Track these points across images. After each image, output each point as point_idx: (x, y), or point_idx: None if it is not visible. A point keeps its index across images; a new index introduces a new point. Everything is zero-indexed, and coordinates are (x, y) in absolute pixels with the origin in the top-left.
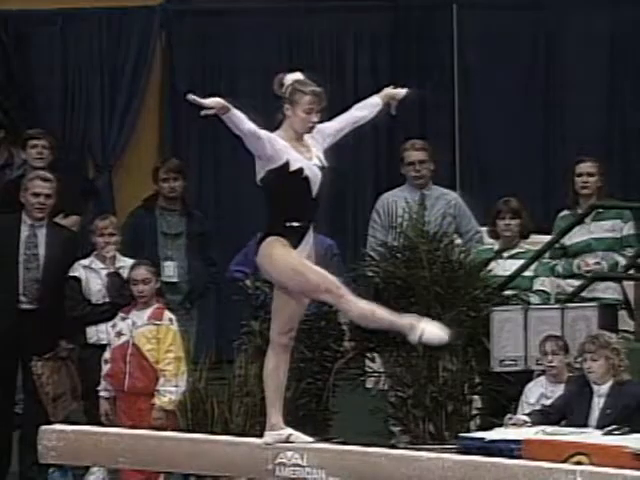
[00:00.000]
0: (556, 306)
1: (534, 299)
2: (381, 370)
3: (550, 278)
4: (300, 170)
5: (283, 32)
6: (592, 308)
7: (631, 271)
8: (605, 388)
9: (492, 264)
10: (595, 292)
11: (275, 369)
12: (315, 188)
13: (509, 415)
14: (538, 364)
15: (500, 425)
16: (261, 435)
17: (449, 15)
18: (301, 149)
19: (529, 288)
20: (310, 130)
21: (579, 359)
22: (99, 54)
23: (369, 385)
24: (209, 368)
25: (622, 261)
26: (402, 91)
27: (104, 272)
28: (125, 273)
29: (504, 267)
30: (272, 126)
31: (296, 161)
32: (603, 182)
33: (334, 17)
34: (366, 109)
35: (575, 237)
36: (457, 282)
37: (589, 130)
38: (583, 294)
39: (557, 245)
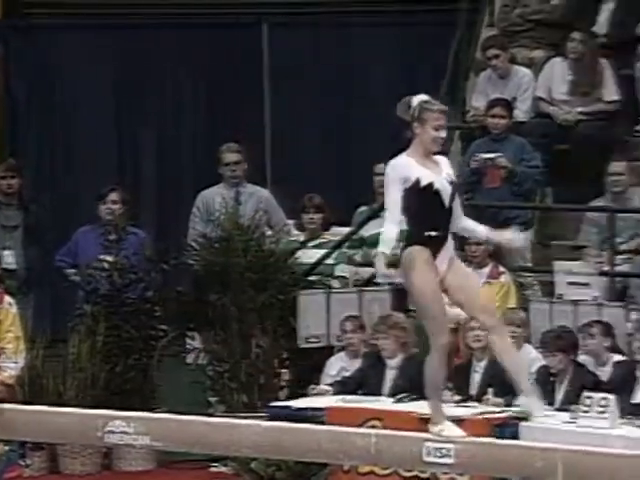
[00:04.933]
0: (354, 290)
1: (335, 284)
2: (200, 347)
3: (349, 266)
4: (430, 185)
5: (113, 46)
6: (385, 291)
7: None
8: (396, 361)
9: (298, 253)
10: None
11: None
12: (447, 199)
13: (312, 385)
14: (339, 341)
15: (305, 395)
16: (92, 406)
17: (259, 32)
18: (430, 165)
19: (331, 274)
20: (439, 146)
21: (373, 337)
22: None
23: (189, 360)
24: (45, 347)
25: None
26: (518, 239)
27: None
28: None
29: (309, 255)
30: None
31: (425, 177)
32: None
33: (158, 35)
34: (471, 231)
35: (372, 229)
36: (268, 269)
37: (382, 136)
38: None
39: (356, 236)
